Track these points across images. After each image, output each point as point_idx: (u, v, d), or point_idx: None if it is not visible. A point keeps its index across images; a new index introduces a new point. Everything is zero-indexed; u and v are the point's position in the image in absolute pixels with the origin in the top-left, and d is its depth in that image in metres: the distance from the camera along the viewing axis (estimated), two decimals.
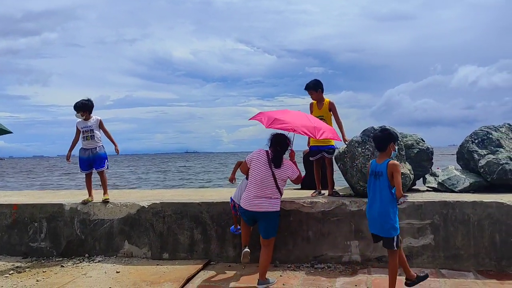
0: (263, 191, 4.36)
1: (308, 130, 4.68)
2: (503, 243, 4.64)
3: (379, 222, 3.86)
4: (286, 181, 4.52)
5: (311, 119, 4.98)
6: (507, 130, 5.82)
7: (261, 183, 4.37)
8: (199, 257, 5.33)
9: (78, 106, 5.88)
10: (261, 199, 4.36)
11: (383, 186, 3.82)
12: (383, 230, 3.86)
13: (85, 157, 5.88)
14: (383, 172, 3.81)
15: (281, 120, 4.62)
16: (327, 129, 4.94)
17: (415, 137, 5.68)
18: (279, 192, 4.43)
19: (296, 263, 5.04)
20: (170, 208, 5.46)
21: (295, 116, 4.88)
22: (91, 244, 5.65)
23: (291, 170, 4.47)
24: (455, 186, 5.45)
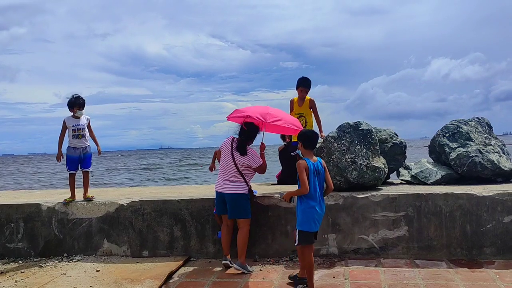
0: (227, 174, 4.77)
1: (261, 115, 4.86)
2: (474, 233, 4.82)
3: (322, 217, 4.16)
4: (249, 168, 4.78)
5: (270, 110, 5.04)
6: (476, 123, 6.01)
7: (225, 167, 4.79)
8: (179, 253, 5.36)
9: (82, 103, 5.76)
10: (227, 182, 4.75)
11: (322, 183, 4.13)
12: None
13: (76, 156, 5.75)
14: (321, 170, 4.10)
15: (240, 111, 5.00)
16: (284, 120, 4.99)
17: (388, 131, 5.81)
18: (242, 176, 4.73)
19: (275, 257, 5.13)
20: (149, 206, 5.46)
21: (257, 107, 5.14)
22: (69, 243, 5.61)
23: (253, 159, 4.77)
24: (428, 178, 5.62)
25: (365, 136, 5.25)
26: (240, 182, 4.74)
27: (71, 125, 5.72)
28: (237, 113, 5.00)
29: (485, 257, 4.78)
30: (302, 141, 4.18)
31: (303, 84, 5.76)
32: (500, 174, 5.50)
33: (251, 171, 4.84)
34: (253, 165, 4.78)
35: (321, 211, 4.09)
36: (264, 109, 5.00)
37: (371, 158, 5.18)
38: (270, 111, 4.96)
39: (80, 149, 5.77)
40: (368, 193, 5.04)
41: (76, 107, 5.73)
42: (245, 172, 4.76)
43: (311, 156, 4.14)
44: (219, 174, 4.88)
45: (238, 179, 4.74)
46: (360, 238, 5.02)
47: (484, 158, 5.43)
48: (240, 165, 4.73)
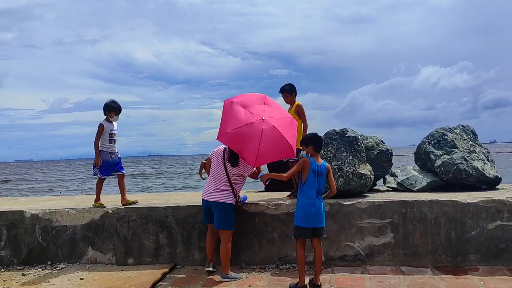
0: (217, 184, 4.73)
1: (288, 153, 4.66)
2: (458, 239, 4.85)
3: (323, 214, 4.33)
4: (240, 177, 4.78)
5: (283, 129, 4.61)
6: (461, 131, 6.08)
7: (216, 177, 4.76)
8: (165, 261, 5.31)
9: (119, 108, 5.73)
10: (215, 190, 4.71)
11: (323, 185, 4.32)
12: (323, 220, 4.34)
13: (111, 161, 5.68)
14: (323, 172, 4.29)
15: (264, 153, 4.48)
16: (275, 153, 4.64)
17: (375, 138, 5.85)
18: (231, 187, 4.71)
19: (261, 264, 5.11)
20: (134, 213, 5.41)
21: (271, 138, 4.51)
22: (53, 251, 5.52)
23: (245, 168, 4.76)
24: (413, 185, 5.66)
25: (351, 143, 5.28)
26: (229, 192, 4.71)
27: (108, 129, 5.64)
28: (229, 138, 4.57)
29: (469, 264, 4.80)
30: (313, 145, 4.33)
31: (282, 90, 5.79)
32: (484, 181, 5.57)
33: (241, 180, 4.83)
34: (245, 174, 4.79)
35: (316, 209, 4.24)
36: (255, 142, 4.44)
37: (358, 165, 5.21)
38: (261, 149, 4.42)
39: (115, 154, 5.71)
40: (354, 200, 5.05)
41: (113, 112, 5.69)
42: (235, 181, 4.74)
43: (317, 158, 4.35)
44: (208, 183, 4.85)
45: (228, 189, 4.71)
46: (346, 245, 5.02)
47: (469, 165, 5.49)
48: (231, 175, 4.71)
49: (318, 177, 4.27)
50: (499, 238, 4.77)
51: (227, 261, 4.65)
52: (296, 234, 4.33)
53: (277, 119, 4.66)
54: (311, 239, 4.38)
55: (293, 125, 4.87)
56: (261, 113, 4.62)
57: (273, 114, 4.69)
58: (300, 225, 4.29)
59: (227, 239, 4.68)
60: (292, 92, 5.75)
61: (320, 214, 4.29)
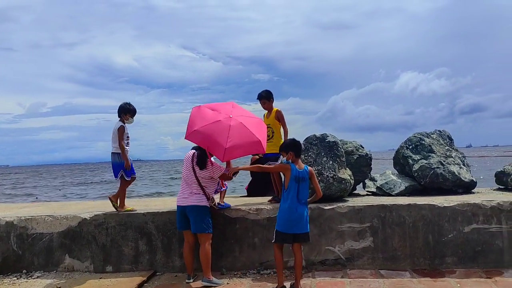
0: (189, 188, 4.75)
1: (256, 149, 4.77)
2: (436, 243, 4.92)
3: (306, 220, 4.33)
4: (211, 179, 4.78)
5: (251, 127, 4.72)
6: (437, 136, 6.20)
7: (187, 181, 4.78)
8: (144, 268, 5.23)
9: (135, 111, 5.62)
10: (188, 194, 4.73)
11: (306, 190, 4.34)
12: (307, 226, 4.35)
13: (131, 164, 5.57)
14: (306, 178, 4.32)
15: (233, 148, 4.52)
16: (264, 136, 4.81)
17: (355, 143, 5.92)
18: (203, 190, 4.72)
19: (242, 270, 5.09)
20: (113, 220, 5.32)
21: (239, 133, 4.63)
22: (29, 259, 5.38)
23: (214, 170, 4.76)
24: (392, 190, 5.74)
25: (331, 148, 5.33)
26: (201, 195, 4.73)
27: (127, 131, 5.54)
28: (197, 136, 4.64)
29: (446, 267, 4.89)
30: (293, 151, 4.37)
31: (259, 96, 5.83)
32: (460, 185, 5.69)
33: (212, 183, 4.83)
34: (214, 176, 4.78)
35: (298, 215, 4.26)
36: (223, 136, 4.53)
37: (338, 169, 5.25)
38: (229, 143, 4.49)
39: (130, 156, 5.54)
40: (334, 205, 5.09)
41: (129, 114, 5.58)
42: (205, 184, 4.75)
43: (298, 164, 4.37)
44: (181, 188, 4.86)
45: (200, 192, 4.72)
46: (326, 249, 5.05)
47: (446, 169, 5.61)
48: (201, 178, 4.73)
49: (300, 183, 4.30)
50: (475, 241, 4.87)
51: (207, 265, 4.63)
52: (277, 239, 4.36)
53: (245, 118, 4.79)
54: (292, 244, 4.39)
55: (261, 125, 4.97)
56: (229, 112, 4.76)
57: (240, 113, 4.82)
58: (281, 230, 4.32)
59: (206, 242, 4.67)
60: (269, 98, 5.80)
61: (302, 220, 4.30)
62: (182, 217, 4.79)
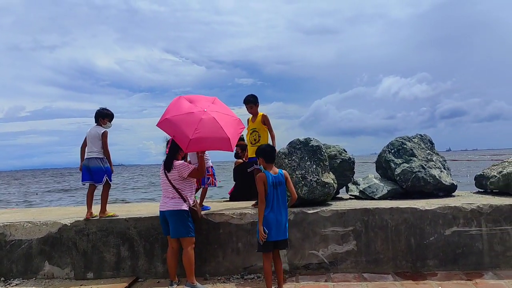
0: (165, 193, 4.77)
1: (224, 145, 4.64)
2: (418, 245, 4.98)
3: (284, 226, 4.30)
4: (183, 180, 4.74)
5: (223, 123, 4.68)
6: (419, 140, 6.30)
7: (163, 187, 4.80)
8: (126, 274, 5.16)
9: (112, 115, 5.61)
10: (166, 199, 4.73)
11: (284, 194, 4.31)
12: (286, 233, 4.32)
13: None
14: (282, 182, 4.30)
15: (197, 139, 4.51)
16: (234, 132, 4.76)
17: (338, 147, 5.96)
18: (178, 193, 4.69)
19: (226, 275, 5.06)
20: (94, 225, 5.24)
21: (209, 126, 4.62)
22: (7, 266, 5.26)
23: (181, 169, 4.71)
24: (375, 193, 5.80)
25: (315, 152, 5.35)
26: (178, 199, 4.69)
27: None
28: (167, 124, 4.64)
29: (428, 269, 4.94)
30: (263, 157, 4.37)
31: (244, 101, 5.86)
32: (441, 189, 5.77)
33: (186, 184, 4.77)
34: (183, 174, 4.71)
35: (280, 221, 4.24)
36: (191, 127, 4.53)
37: (321, 174, 5.28)
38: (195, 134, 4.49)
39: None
40: (318, 209, 5.10)
41: (107, 118, 5.55)
42: (179, 186, 4.71)
43: (271, 169, 4.34)
44: (162, 195, 4.85)
45: (176, 196, 4.69)
46: (310, 253, 5.05)
47: (427, 173, 5.69)
48: (173, 180, 4.71)
49: (277, 188, 4.28)
50: (456, 243, 4.94)
51: (191, 269, 4.59)
52: (260, 248, 4.32)
53: (220, 114, 4.77)
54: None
55: (237, 124, 4.94)
56: (205, 106, 4.76)
57: (217, 109, 4.81)
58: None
59: (188, 247, 4.63)
60: (256, 103, 5.84)
61: (280, 227, 4.26)
62: (163, 223, 4.77)
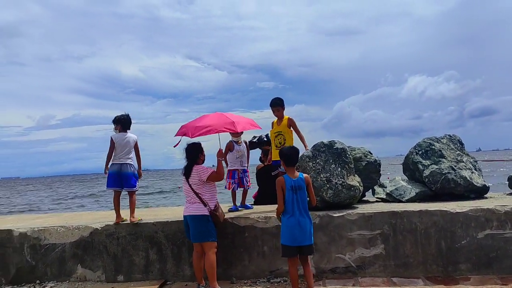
0: (187, 198, 4.85)
1: (228, 126, 5.01)
2: (449, 249, 4.85)
3: (309, 231, 4.22)
4: (203, 184, 4.79)
5: (229, 116, 5.21)
6: (448, 141, 6.13)
7: (185, 193, 4.87)
8: (155, 277, 5.25)
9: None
10: (188, 205, 4.82)
11: (304, 198, 4.23)
12: (311, 238, 4.25)
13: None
14: (302, 186, 4.22)
15: (202, 126, 4.94)
16: (244, 122, 5.30)
17: (363, 150, 5.88)
18: (199, 197, 4.74)
19: (252, 278, 5.07)
20: (124, 229, 5.37)
21: (214, 118, 5.16)
22: (42, 270, 5.45)
23: (199, 173, 4.79)
24: (402, 196, 5.68)
25: (339, 155, 5.31)
26: (199, 204, 4.73)
27: None
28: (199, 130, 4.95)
29: (460, 274, 4.80)
30: (282, 159, 4.36)
31: (271, 104, 5.89)
32: (472, 190, 5.60)
33: (207, 188, 4.81)
34: (203, 178, 4.77)
35: (304, 226, 4.16)
36: (222, 119, 5.07)
37: (346, 176, 5.22)
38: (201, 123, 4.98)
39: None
40: (344, 212, 5.05)
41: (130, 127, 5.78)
42: (200, 191, 4.75)
43: (292, 172, 4.28)
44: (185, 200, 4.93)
45: (197, 201, 4.74)
46: (337, 257, 5.00)
47: (457, 174, 5.53)
48: (193, 185, 4.77)
49: (297, 193, 4.20)
50: (489, 247, 4.78)
51: (213, 274, 4.59)
52: (283, 253, 4.30)
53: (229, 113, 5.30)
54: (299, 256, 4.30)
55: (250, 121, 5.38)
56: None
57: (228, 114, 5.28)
58: (285, 243, 4.25)
59: (209, 251, 4.64)
60: (282, 106, 5.90)
61: (305, 232, 4.20)
62: (187, 227, 4.82)
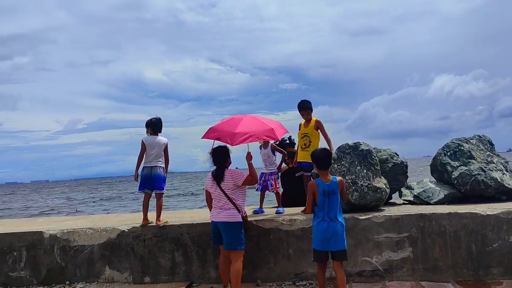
0: (218, 203, 4.68)
1: (268, 134, 4.99)
2: (479, 253, 4.73)
3: (341, 236, 4.12)
4: (237, 189, 4.68)
5: (265, 122, 5.19)
6: (477, 141, 5.96)
7: (216, 199, 4.70)
8: (181, 279, 5.29)
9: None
10: (220, 211, 4.64)
11: (337, 202, 4.14)
12: (343, 243, 4.14)
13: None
14: (335, 189, 4.12)
15: (242, 133, 4.80)
16: (277, 126, 5.21)
17: (389, 151, 5.78)
18: (233, 203, 4.61)
19: (277, 281, 5.05)
20: (150, 231, 5.43)
21: (251, 123, 5.05)
22: (71, 271, 5.56)
23: (235, 177, 4.67)
24: (431, 198, 5.56)
25: (365, 156, 5.24)
26: (233, 210, 4.60)
27: None
28: (240, 137, 4.82)
29: (492, 278, 4.67)
30: (314, 162, 4.29)
31: (300, 107, 5.87)
32: (504, 192, 5.43)
33: (240, 193, 4.71)
34: (238, 183, 4.66)
35: (336, 231, 4.08)
36: (258, 125, 4.99)
37: (372, 178, 5.15)
38: (239, 129, 4.83)
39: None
40: (370, 214, 4.98)
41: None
42: (234, 196, 4.63)
43: (325, 176, 4.20)
44: (213, 207, 4.76)
45: (230, 207, 4.61)
46: (363, 260, 4.93)
47: (487, 176, 5.38)
48: (227, 190, 4.63)
49: (329, 197, 4.11)
50: None
51: (238, 282, 4.50)
52: (314, 257, 4.25)
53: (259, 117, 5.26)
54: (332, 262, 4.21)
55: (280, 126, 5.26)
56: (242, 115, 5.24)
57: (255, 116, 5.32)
58: (316, 248, 4.19)
59: (238, 260, 4.53)
60: (312, 109, 5.87)
61: (336, 237, 4.09)
62: (216, 232, 4.71)
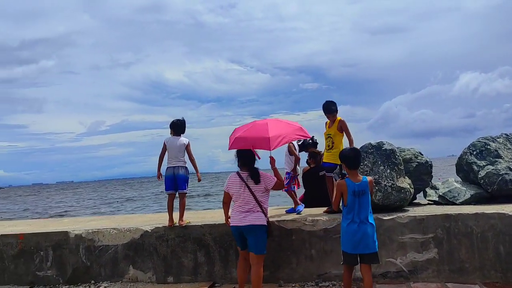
0: (246, 208, 4.51)
1: (298, 133, 4.98)
2: (508, 254, 4.62)
3: (372, 239, 4.01)
4: (265, 192, 4.61)
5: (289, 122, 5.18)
6: (504, 140, 5.81)
7: (242, 202, 4.54)
8: (204, 279, 5.32)
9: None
10: (246, 214, 4.49)
11: (368, 203, 4.04)
12: (374, 246, 4.03)
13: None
14: (365, 190, 4.02)
15: (276, 136, 4.69)
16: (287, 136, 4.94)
17: (413, 151, 5.69)
18: (260, 206, 4.52)
19: (300, 282, 5.03)
20: (173, 232, 5.48)
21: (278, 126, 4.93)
22: (96, 270, 5.66)
23: (268, 181, 4.59)
24: (456, 198, 5.44)
25: (388, 156, 5.17)
26: (260, 213, 4.52)
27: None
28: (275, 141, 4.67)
29: None
30: (343, 162, 4.24)
31: (325, 110, 5.71)
32: None
33: (267, 196, 4.65)
34: (269, 187, 4.59)
35: (366, 233, 3.99)
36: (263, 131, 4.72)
37: (396, 178, 5.08)
38: (271, 133, 4.66)
39: None
40: (394, 215, 4.91)
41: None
42: (262, 199, 4.55)
43: (355, 176, 4.12)
44: (234, 211, 4.63)
45: (258, 210, 4.51)
46: (388, 261, 4.87)
47: None
48: (257, 193, 4.53)
49: (359, 198, 4.02)
50: None
51: (259, 286, 4.43)
52: (343, 260, 4.17)
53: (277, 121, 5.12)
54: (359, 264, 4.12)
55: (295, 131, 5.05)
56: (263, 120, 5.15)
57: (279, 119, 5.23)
58: (345, 250, 4.11)
59: (259, 264, 4.45)
60: (337, 111, 5.72)
61: (366, 239, 3.99)
62: (240, 237, 4.58)
